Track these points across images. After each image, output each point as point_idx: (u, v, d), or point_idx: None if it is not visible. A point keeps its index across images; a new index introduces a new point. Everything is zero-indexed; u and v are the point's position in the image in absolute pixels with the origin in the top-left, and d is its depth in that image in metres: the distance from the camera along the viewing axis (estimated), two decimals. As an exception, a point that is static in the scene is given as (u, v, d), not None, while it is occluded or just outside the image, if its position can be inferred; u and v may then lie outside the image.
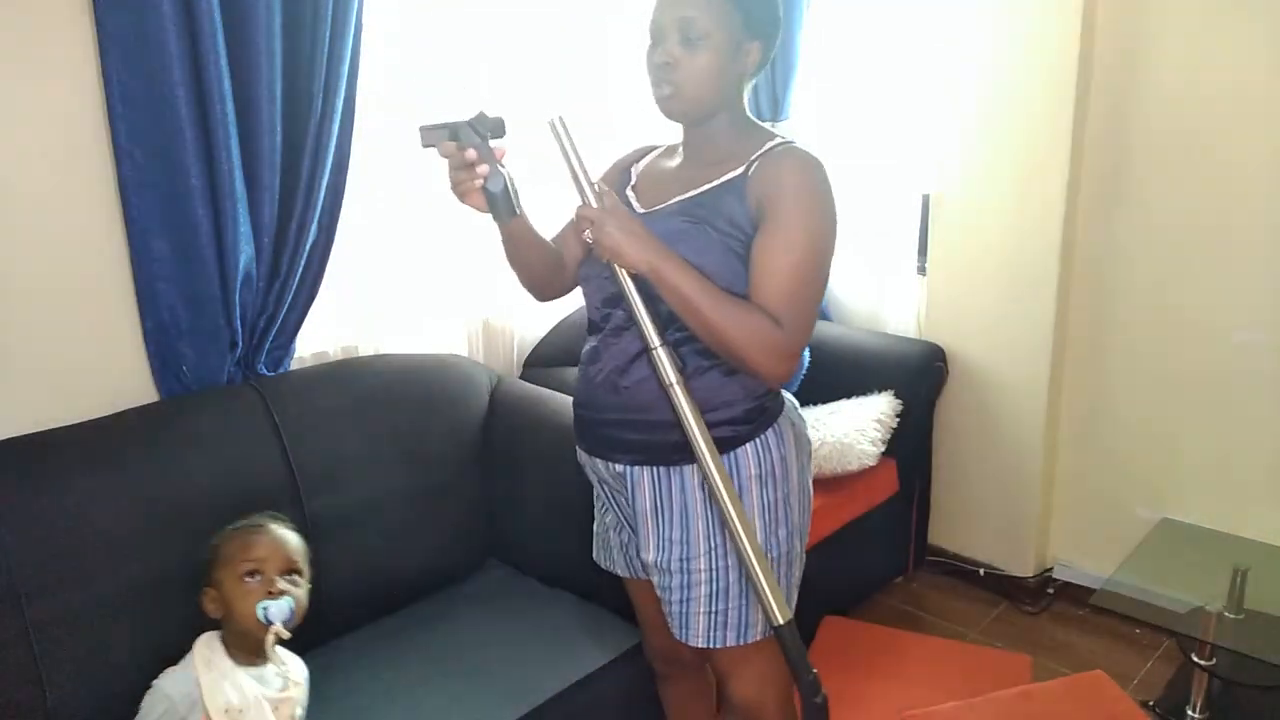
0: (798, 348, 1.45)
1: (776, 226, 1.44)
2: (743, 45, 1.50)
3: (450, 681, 1.87)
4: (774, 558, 1.59)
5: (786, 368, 1.45)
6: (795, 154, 1.50)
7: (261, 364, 2.08)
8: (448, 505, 2.22)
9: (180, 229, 1.87)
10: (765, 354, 1.42)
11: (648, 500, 1.60)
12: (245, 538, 1.64)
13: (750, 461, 1.56)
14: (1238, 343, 2.50)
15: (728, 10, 1.46)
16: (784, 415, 1.61)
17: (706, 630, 1.61)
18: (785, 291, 1.43)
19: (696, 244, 1.47)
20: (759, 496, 1.57)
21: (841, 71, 3.09)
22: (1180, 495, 2.69)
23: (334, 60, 1.97)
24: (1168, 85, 2.49)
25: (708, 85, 1.49)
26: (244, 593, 1.57)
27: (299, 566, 1.66)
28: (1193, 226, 2.52)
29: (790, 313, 1.43)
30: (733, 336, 1.42)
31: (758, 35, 1.51)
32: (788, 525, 1.60)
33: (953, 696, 2.19)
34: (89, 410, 1.84)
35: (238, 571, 1.58)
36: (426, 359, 2.32)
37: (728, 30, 1.47)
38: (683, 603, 1.61)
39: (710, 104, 1.52)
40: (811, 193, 1.46)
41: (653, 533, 1.60)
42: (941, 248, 2.92)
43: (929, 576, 3.11)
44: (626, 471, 1.60)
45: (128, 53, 1.75)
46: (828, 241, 1.47)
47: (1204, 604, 2.19)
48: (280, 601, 1.56)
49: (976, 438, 2.96)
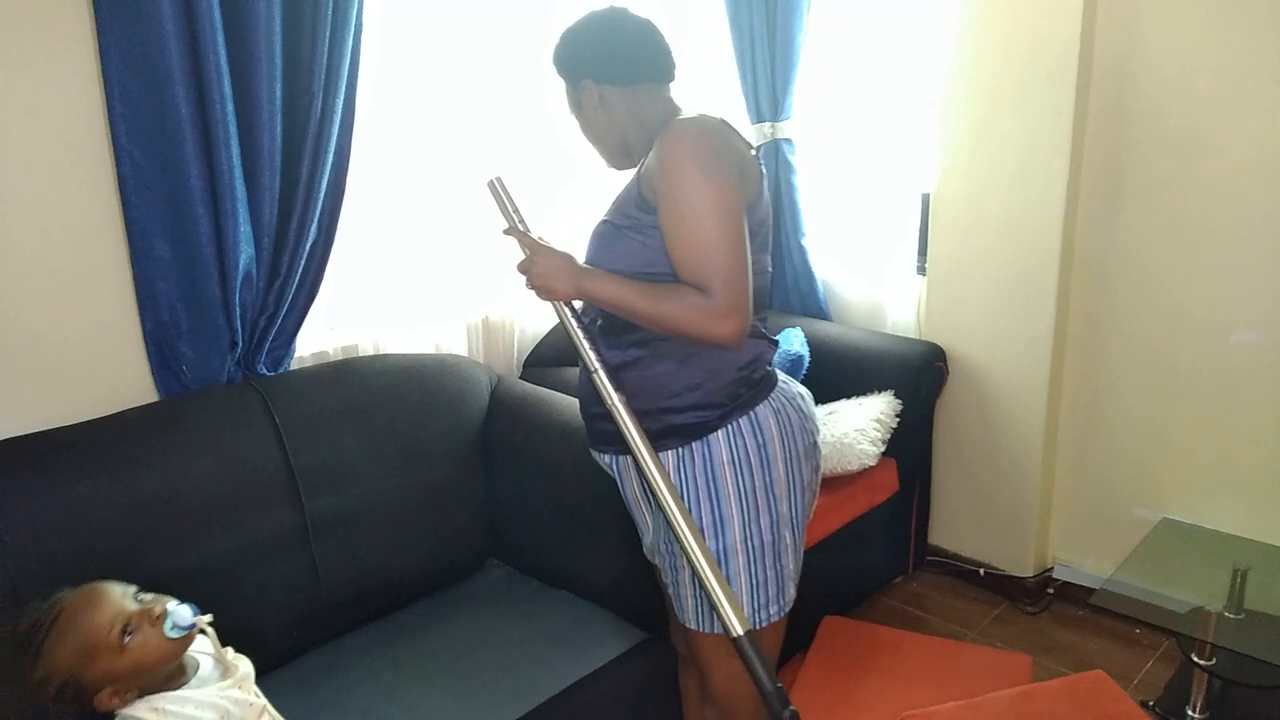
0: (732, 304, 1.45)
1: (662, 202, 1.49)
2: (580, 93, 1.65)
3: (450, 682, 1.87)
4: (755, 547, 1.61)
5: (730, 327, 1.45)
6: (670, 128, 1.53)
7: (261, 364, 2.08)
8: (448, 505, 2.22)
9: (180, 229, 1.87)
10: (704, 322, 1.45)
11: (636, 487, 1.73)
12: (83, 626, 1.32)
13: (722, 447, 1.59)
14: (1236, 342, 2.50)
15: (561, 82, 1.68)
16: (766, 404, 1.62)
17: (695, 613, 1.68)
18: (694, 260, 1.47)
19: (605, 242, 1.62)
20: (733, 483, 1.59)
21: (841, 71, 3.09)
22: (1180, 495, 2.69)
23: (334, 60, 1.97)
24: (1167, 85, 2.49)
25: (600, 138, 1.70)
26: (144, 644, 1.33)
27: (131, 589, 1.40)
28: (1193, 226, 2.52)
29: (710, 275, 1.45)
30: (671, 320, 1.48)
31: (579, 76, 1.64)
32: (771, 514, 1.61)
33: (953, 696, 2.18)
34: (89, 410, 1.84)
35: (112, 644, 1.32)
36: (426, 359, 2.32)
37: (569, 97, 1.69)
38: (675, 585, 1.70)
39: (624, 143, 1.67)
40: (681, 157, 1.47)
41: (641, 521, 1.76)
42: (941, 247, 2.92)
43: (929, 576, 3.11)
44: (613, 461, 1.72)
45: (128, 53, 1.75)
46: (716, 195, 1.46)
47: (1204, 604, 2.19)
48: (173, 611, 1.36)
49: (976, 437, 2.96)
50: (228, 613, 1.49)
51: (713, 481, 1.59)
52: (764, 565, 1.63)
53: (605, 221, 1.63)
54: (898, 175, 3.06)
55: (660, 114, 1.62)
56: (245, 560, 1.89)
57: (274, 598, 1.93)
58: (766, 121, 3.08)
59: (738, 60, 3.04)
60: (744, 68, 3.06)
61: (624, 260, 1.56)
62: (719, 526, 1.60)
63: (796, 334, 2.84)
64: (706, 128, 1.52)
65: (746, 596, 1.64)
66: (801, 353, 2.69)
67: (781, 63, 3.01)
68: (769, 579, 1.64)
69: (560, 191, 2.73)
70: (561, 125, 1.85)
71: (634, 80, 1.63)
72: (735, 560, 1.62)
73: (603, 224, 1.64)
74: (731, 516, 1.60)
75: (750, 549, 1.61)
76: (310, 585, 1.99)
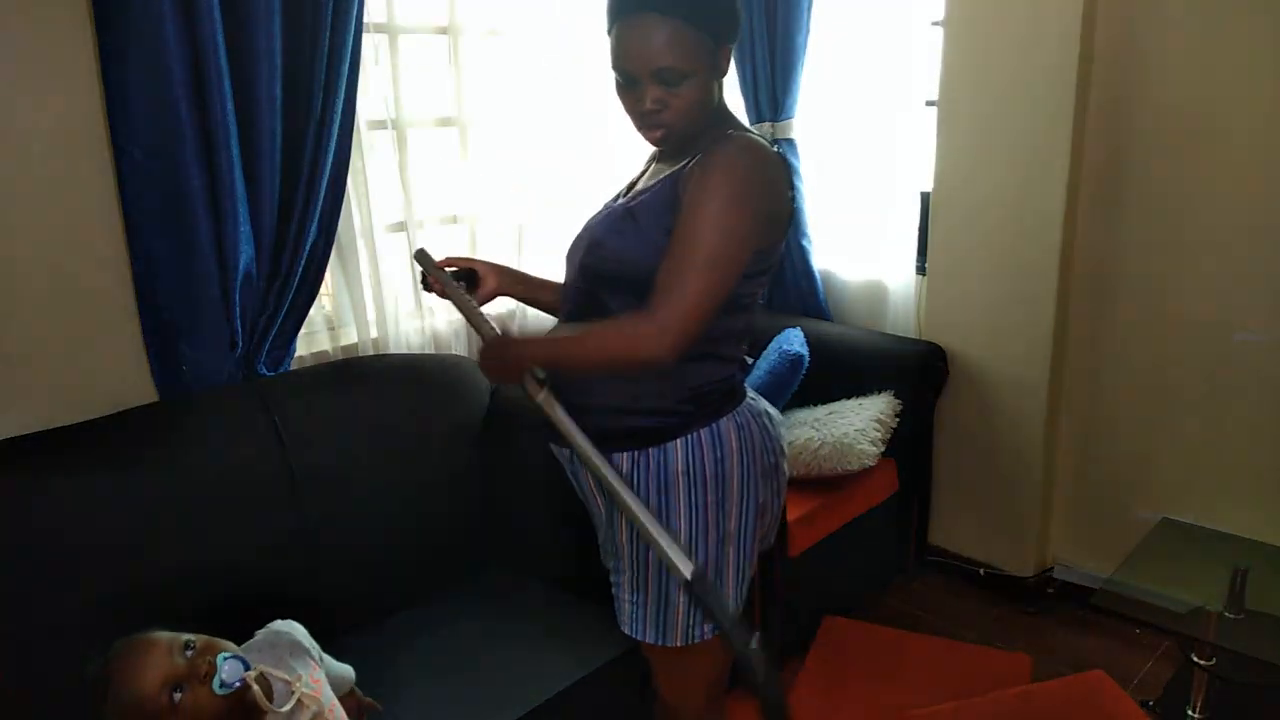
0: (671, 323, 1.36)
1: (684, 211, 1.42)
2: (717, 58, 1.46)
3: (450, 683, 1.87)
4: (697, 562, 1.53)
5: (664, 345, 1.36)
6: (730, 142, 1.45)
7: (261, 364, 2.08)
8: (447, 506, 2.22)
9: (180, 229, 1.87)
10: (639, 347, 1.38)
11: (590, 483, 1.67)
12: (132, 693, 1.32)
13: (678, 457, 1.53)
14: (1238, 341, 2.49)
15: (699, 40, 1.41)
16: (730, 419, 1.56)
17: (630, 618, 1.65)
18: (671, 266, 1.39)
19: (626, 239, 1.51)
20: (685, 495, 1.54)
21: (839, 70, 3.08)
22: (1180, 495, 2.68)
23: (334, 60, 1.97)
24: (1168, 84, 2.48)
25: (697, 113, 1.47)
26: (195, 702, 1.33)
27: (180, 640, 1.37)
28: (1194, 225, 2.51)
29: (671, 288, 1.37)
30: (614, 360, 1.43)
31: (726, 40, 1.47)
32: (719, 531, 1.56)
33: (952, 696, 2.18)
34: (89, 411, 1.84)
35: (163, 706, 1.31)
36: (426, 359, 2.32)
37: (706, 58, 1.43)
38: (616, 585, 1.67)
39: (701, 124, 1.50)
40: (728, 179, 1.40)
41: (596, 515, 1.72)
42: (941, 247, 2.91)
43: (929, 576, 3.10)
44: (569, 457, 1.66)
45: (128, 53, 1.75)
46: (731, 227, 1.39)
47: (1204, 604, 2.18)
48: (221, 665, 1.35)
49: (976, 437, 2.95)
50: (224, 615, 1.49)
51: (664, 491, 1.53)
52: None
53: (628, 209, 1.53)
54: (897, 174, 3.05)
55: (717, 104, 1.52)
56: (244, 561, 1.89)
57: (272, 598, 1.92)
58: (766, 122, 3.07)
59: (736, 58, 3.02)
60: (743, 66, 3.05)
61: (639, 251, 1.48)
62: None
63: (796, 334, 2.84)
64: (763, 160, 1.46)
65: (682, 613, 1.59)
66: (801, 352, 2.69)
67: (782, 62, 3.00)
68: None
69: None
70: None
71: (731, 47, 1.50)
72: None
73: (625, 210, 1.54)
74: (679, 528, 1.54)
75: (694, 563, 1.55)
76: (308, 586, 1.98)
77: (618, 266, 1.52)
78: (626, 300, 1.49)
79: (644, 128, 1.50)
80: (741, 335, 1.60)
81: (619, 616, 1.68)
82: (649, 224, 1.49)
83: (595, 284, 1.56)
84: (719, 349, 1.55)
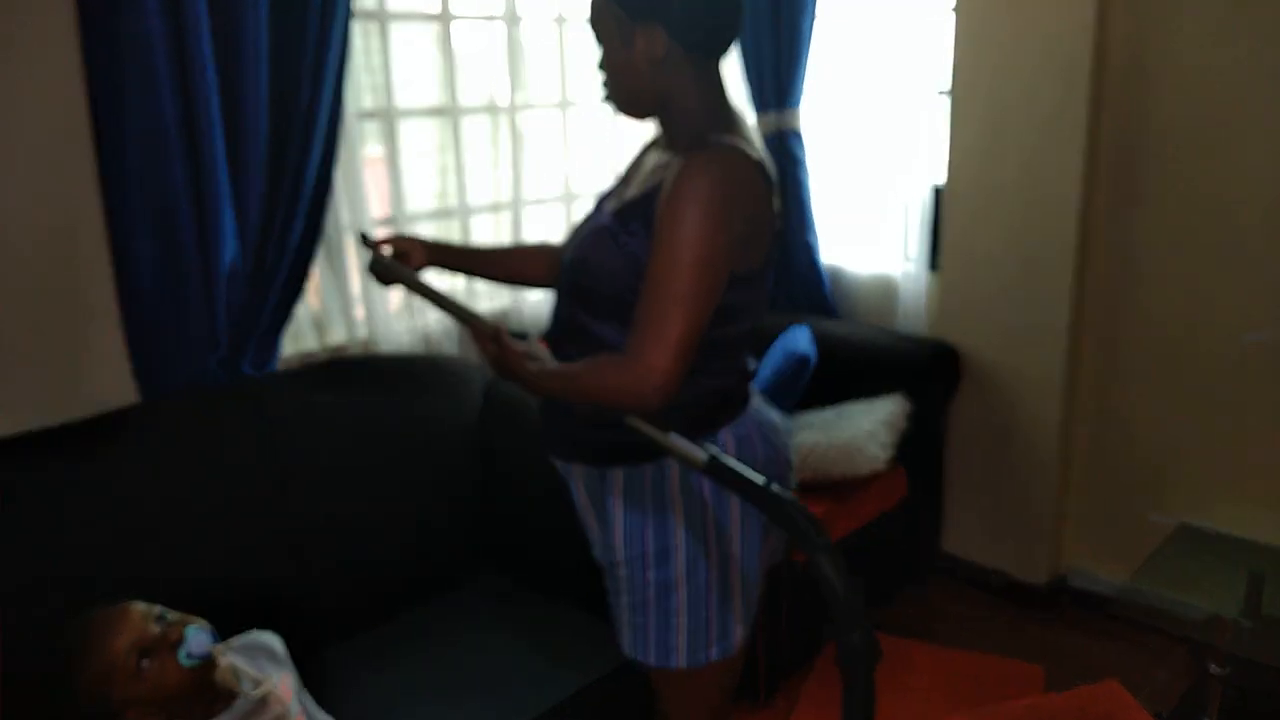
0: (656, 363, 1.32)
1: (656, 237, 1.37)
2: (634, 34, 1.41)
3: (447, 691, 1.84)
4: (700, 585, 1.52)
5: (653, 390, 1.32)
6: (694, 161, 1.38)
7: (246, 364, 2.04)
8: (440, 510, 2.19)
9: (164, 227, 1.84)
10: (628, 391, 1.34)
11: (583, 497, 1.64)
12: (101, 651, 1.33)
13: (676, 472, 1.49)
14: (1253, 342, 2.44)
15: (607, 6, 1.43)
16: (729, 431, 1.50)
17: (630, 640, 1.61)
18: (648, 301, 1.35)
19: (602, 255, 1.46)
20: (684, 512, 1.50)
21: (852, 61, 3.04)
22: (1197, 500, 2.62)
23: (322, 51, 1.94)
24: (1185, 74, 2.43)
25: (622, 80, 1.46)
26: (161, 670, 1.34)
27: (155, 610, 1.39)
28: (1212, 223, 2.46)
29: (646, 331, 1.33)
30: (602, 399, 1.38)
31: (647, 19, 1.40)
32: (720, 552, 1.52)
33: (963, 707, 2.15)
34: (71, 412, 1.82)
35: (129, 669, 1.32)
36: (416, 358, 2.29)
37: (613, 25, 1.43)
38: (615, 607, 1.63)
39: (639, 97, 1.48)
40: (695, 195, 1.34)
41: (590, 529, 1.67)
42: (953, 242, 2.87)
43: (940, 584, 3.05)
44: (564, 468, 1.64)
45: (112, 47, 1.72)
46: (702, 254, 1.34)
47: (1220, 611, 2.13)
48: (190, 636, 1.36)
49: (989, 441, 2.90)
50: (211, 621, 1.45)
51: (662, 508, 1.50)
52: (707, 604, 1.53)
53: (604, 228, 1.49)
54: (908, 166, 2.99)
55: (703, 102, 1.47)
56: (229, 566, 1.85)
57: (260, 605, 1.88)
58: (771, 110, 3.01)
59: (738, 43, 2.97)
60: (746, 52, 3.00)
61: (623, 277, 1.43)
62: (662, 555, 1.51)
63: (803, 332, 2.77)
64: (733, 172, 1.39)
65: (685, 635, 1.54)
66: (808, 353, 2.62)
67: (789, 52, 2.95)
68: (712, 619, 1.54)
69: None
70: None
71: (708, 54, 1.46)
72: (677, 594, 1.52)
73: (603, 230, 1.49)
74: (677, 547, 1.50)
75: (695, 585, 1.51)
76: (298, 592, 1.94)
77: (599, 284, 1.47)
78: (610, 328, 1.45)
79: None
80: (737, 343, 1.53)
81: (619, 638, 1.63)
82: (629, 243, 1.44)
83: (578, 306, 1.51)
84: (708, 363, 1.46)
